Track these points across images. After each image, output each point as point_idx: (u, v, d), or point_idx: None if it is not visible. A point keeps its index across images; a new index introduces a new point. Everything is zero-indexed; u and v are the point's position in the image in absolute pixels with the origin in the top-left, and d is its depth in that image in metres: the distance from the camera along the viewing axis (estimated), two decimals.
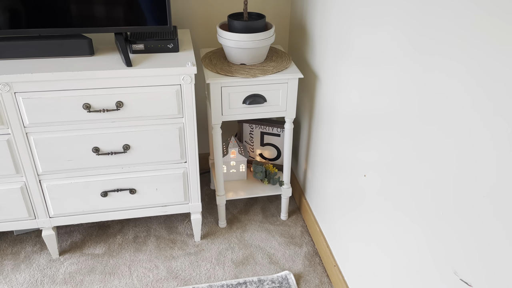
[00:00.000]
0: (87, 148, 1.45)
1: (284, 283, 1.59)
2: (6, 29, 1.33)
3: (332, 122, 1.48)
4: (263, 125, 1.91)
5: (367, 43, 1.16)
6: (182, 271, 1.65)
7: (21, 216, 1.55)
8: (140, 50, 1.47)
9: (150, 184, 1.57)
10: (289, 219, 1.93)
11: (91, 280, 1.61)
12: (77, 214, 1.59)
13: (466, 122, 0.79)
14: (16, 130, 1.38)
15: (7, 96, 1.32)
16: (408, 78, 0.97)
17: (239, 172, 1.89)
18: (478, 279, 0.82)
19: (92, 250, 1.74)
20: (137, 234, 1.82)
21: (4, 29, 1.33)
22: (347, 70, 1.31)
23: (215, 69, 1.54)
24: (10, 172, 1.45)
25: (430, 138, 0.92)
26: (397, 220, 1.10)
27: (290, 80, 1.55)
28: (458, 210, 0.85)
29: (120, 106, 1.39)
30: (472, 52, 0.76)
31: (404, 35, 0.98)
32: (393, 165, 1.09)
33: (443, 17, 0.82)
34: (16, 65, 1.34)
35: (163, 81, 1.38)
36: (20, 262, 1.67)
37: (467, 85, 0.78)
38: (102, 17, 1.36)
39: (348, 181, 1.39)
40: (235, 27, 1.51)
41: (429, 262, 0.98)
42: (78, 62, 1.38)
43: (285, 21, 1.91)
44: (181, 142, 1.51)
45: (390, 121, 1.08)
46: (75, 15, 1.34)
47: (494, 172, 0.74)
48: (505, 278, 0.74)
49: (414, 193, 1.01)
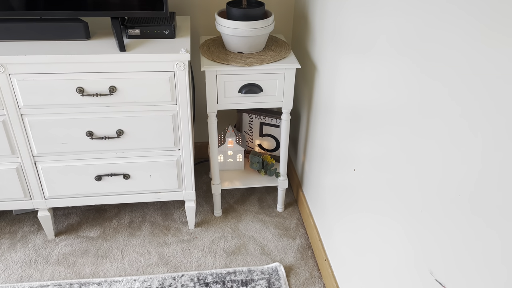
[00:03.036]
0: (81, 132, 1.46)
1: (274, 274, 1.58)
2: (4, 10, 1.34)
3: (329, 115, 1.46)
4: (263, 116, 1.89)
5: (365, 34, 1.13)
6: (173, 258, 1.66)
7: (17, 196, 1.57)
8: (136, 35, 1.46)
9: (143, 170, 1.58)
10: (285, 211, 1.91)
11: (83, 262, 1.63)
12: (72, 196, 1.61)
13: (466, 122, 0.76)
14: (11, 112, 1.39)
15: (2, 77, 1.33)
16: (409, 71, 0.94)
17: (236, 162, 1.88)
18: (453, 280, 0.79)
19: (88, 233, 1.76)
20: (133, 219, 1.84)
21: (1, 11, 1.34)
22: (345, 61, 1.28)
23: (211, 56, 1.52)
24: (5, 153, 1.47)
25: (430, 134, 0.89)
26: (386, 219, 1.07)
27: (287, 70, 1.52)
28: (442, 209, 0.83)
29: (113, 91, 1.39)
30: (478, 47, 0.72)
31: (403, 26, 0.94)
32: (385, 162, 1.06)
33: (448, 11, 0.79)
34: (12, 47, 1.35)
35: (156, 67, 1.37)
36: (17, 242, 1.71)
37: (469, 81, 0.75)
38: (99, 1, 1.36)
39: (342, 176, 1.37)
40: (233, 14, 1.49)
41: (411, 263, 0.95)
42: (73, 46, 1.38)
43: (289, 10, 1.88)
44: (175, 130, 1.51)
45: (386, 116, 1.05)
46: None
47: (494, 172, 0.71)
48: (481, 279, 0.72)
49: (406, 191, 0.98)
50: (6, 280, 1.55)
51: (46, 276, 1.57)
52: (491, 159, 0.66)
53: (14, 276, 1.57)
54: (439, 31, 0.77)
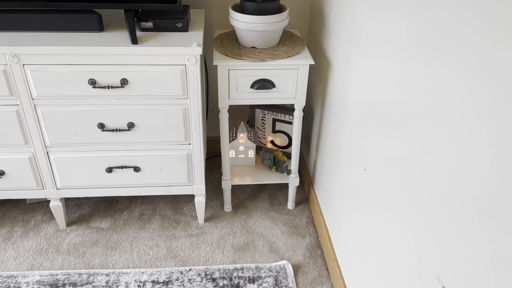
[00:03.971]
0: (92, 124, 1.47)
1: (282, 272, 1.57)
2: (19, 1, 1.35)
3: (342, 112, 1.43)
4: (276, 112, 1.87)
5: (380, 31, 1.09)
6: (181, 252, 1.66)
7: (30, 185, 1.59)
8: (149, 28, 1.45)
9: (154, 164, 1.58)
10: (296, 208, 1.89)
11: (93, 253, 1.64)
12: (83, 187, 1.62)
13: (482, 125, 0.73)
14: (25, 102, 1.41)
15: (16, 67, 1.34)
16: (419, 71, 0.91)
17: (247, 158, 1.87)
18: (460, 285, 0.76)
19: (98, 224, 1.78)
20: (143, 212, 1.84)
21: (16, 1, 1.35)
22: (359, 59, 1.25)
23: (224, 51, 1.51)
24: (19, 142, 1.49)
25: (445, 137, 0.85)
26: (395, 221, 1.04)
27: (300, 66, 1.50)
28: (449, 213, 0.79)
29: (125, 83, 1.39)
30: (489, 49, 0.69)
31: (420, 24, 0.91)
32: (396, 163, 1.03)
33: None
34: (26, 38, 1.36)
35: (167, 60, 1.37)
36: (29, 230, 1.73)
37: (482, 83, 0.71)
38: None
39: (352, 176, 1.34)
40: (247, 8, 1.47)
41: (419, 268, 0.92)
42: (86, 37, 1.38)
43: (306, 4, 1.84)
44: (186, 124, 1.50)
45: (397, 116, 1.02)
46: None
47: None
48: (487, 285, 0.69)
49: (416, 194, 0.95)
50: (17, 267, 1.58)
51: (56, 265, 1.59)
52: (506, 164, 0.63)
53: (25, 264, 1.59)
54: (457, 31, 0.74)
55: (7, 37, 1.36)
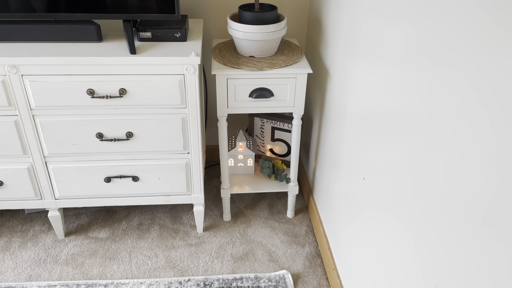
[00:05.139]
0: (91, 133, 1.47)
1: (281, 282, 1.56)
2: (18, 12, 1.35)
3: (341, 121, 1.43)
4: (275, 120, 1.87)
5: (377, 40, 1.10)
6: (180, 262, 1.65)
7: (28, 196, 1.59)
8: (148, 38, 1.46)
9: (152, 173, 1.57)
10: (295, 217, 1.88)
11: (91, 263, 1.63)
12: (82, 197, 1.62)
13: (482, 134, 0.73)
14: (23, 112, 1.41)
15: (15, 78, 1.34)
16: (418, 79, 0.91)
17: (246, 166, 1.86)
18: None
19: (97, 234, 1.77)
20: (142, 221, 1.84)
21: (15, 13, 1.35)
22: (357, 67, 1.25)
23: (222, 60, 1.51)
24: (17, 153, 1.48)
25: (443, 146, 0.85)
26: (394, 231, 1.04)
27: (298, 75, 1.50)
28: (445, 223, 0.79)
29: (123, 93, 1.39)
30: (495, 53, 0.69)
31: (416, 32, 0.91)
32: (394, 172, 1.03)
33: None
34: (25, 48, 1.36)
35: (166, 70, 1.37)
36: (27, 240, 1.73)
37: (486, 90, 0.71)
38: (111, 3, 1.36)
39: (351, 185, 1.33)
40: (245, 18, 1.48)
41: (418, 277, 0.92)
42: (84, 48, 1.39)
43: (304, 14, 1.85)
44: (184, 133, 1.50)
45: (396, 125, 1.02)
46: (85, 0, 1.35)
47: None
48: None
49: (415, 204, 0.95)
50: (15, 278, 1.57)
51: (54, 276, 1.58)
52: (507, 174, 0.63)
53: (23, 274, 1.58)
54: (456, 38, 0.74)
55: (6, 48, 1.36)
